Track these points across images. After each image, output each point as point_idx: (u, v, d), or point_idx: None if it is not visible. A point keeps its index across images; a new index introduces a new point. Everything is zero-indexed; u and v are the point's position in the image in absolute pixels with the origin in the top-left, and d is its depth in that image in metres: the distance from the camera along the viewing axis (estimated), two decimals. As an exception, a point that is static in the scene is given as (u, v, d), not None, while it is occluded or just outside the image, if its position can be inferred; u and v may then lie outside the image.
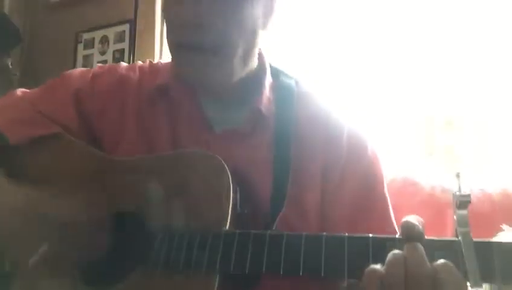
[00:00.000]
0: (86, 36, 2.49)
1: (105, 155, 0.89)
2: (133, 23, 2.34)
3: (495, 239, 1.08)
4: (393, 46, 1.82)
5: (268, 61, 0.97)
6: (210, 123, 0.90)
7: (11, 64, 2.46)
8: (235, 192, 0.76)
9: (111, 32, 2.42)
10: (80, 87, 0.95)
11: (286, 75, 0.97)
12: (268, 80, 0.94)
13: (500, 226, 0.91)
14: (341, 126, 0.91)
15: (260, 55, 0.95)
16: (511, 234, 1.03)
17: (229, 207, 0.74)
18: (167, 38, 0.86)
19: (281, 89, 0.93)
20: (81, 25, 2.50)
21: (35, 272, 0.79)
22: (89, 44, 2.48)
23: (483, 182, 1.25)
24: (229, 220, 0.74)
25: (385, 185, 0.92)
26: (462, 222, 0.64)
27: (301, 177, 0.86)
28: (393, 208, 0.92)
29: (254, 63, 0.93)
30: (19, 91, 0.99)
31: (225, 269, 0.70)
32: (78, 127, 0.92)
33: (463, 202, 0.65)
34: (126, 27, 2.37)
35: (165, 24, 0.88)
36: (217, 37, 0.80)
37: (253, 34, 0.85)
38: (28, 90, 1.00)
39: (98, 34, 2.46)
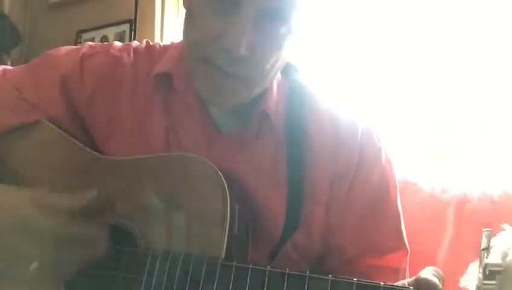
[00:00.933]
0: (86, 36, 2.49)
1: (91, 152, 0.81)
2: (133, 23, 2.34)
3: (495, 239, 1.08)
4: (393, 47, 1.82)
5: None
6: (212, 122, 0.83)
7: (11, 64, 2.46)
8: (233, 214, 0.69)
9: (111, 32, 2.42)
10: (67, 72, 0.86)
11: (295, 68, 0.90)
12: (276, 79, 0.86)
13: (501, 225, 0.91)
14: (353, 131, 0.85)
15: None
16: (512, 233, 1.03)
17: (225, 232, 0.68)
18: (192, 46, 0.76)
19: (291, 90, 0.86)
20: (81, 25, 2.50)
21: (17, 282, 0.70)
22: (89, 44, 2.48)
23: (484, 182, 1.24)
24: (225, 246, 0.68)
25: (398, 195, 0.88)
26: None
27: (310, 189, 0.81)
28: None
29: None
30: (1, 71, 0.91)
31: None
32: (65, 115, 0.85)
33: (492, 272, 0.59)
34: (126, 27, 2.37)
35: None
36: (253, 68, 0.73)
37: (284, 62, 0.80)
38: (9, 69, 0.92)
39: (98, 34, 2.46)
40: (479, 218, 1.13)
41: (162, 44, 0.93)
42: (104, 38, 2.44)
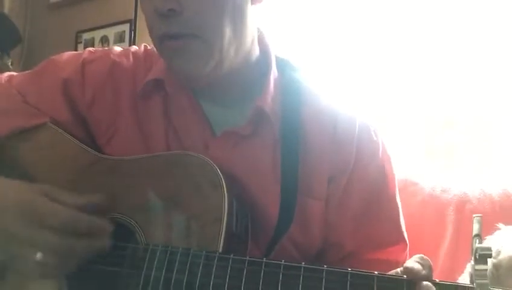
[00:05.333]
0: (86, 36, 2.50)
1: (93, 153, 0.83)
2: (133, 23, 2.34)
3: (491, 237, 1.08)
4: (393, 46, 1.82)
5: (273, 51, 0.88)
6: (209, 123, 0.84)
7: (11, 64, 2.46)
8: (230, 211, 0.70)
9: (111, 32, 2.42)
10: (69, 76, 0.88)
11: (292, 66, 0.90)
12: (273, 75, 0.86)
13: (496, 225, 0.91)
14: (350, 127, 0.85)
15: (263, 43, 0.88)
16: (507, 232, 1.03)
17: (223, 228, 0.69)
18: (150, 36, 0.81)
19: (287, 84, 0.86)
20: (81, 25, 2.51)
21: (23, 276, 0.74)
22: (89, 44, 2.48)
23: (483, 182, 1.24)
24: (222, 241, 0.69)
25: (397, 190, 0.88)
26: (480, 275, 0.61)
27: (307, 184, 0.81)
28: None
29: (252, 50, 0.85)
30: (5, 76, 0.93)
31: None
32: (69, 119, 0.87)
33: (483, 256, 0.61)
34: (126, 27, 2.37)
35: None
36: (194, 21, 0.74)
37: (240, 12, 0.77)
38: (14, 75, 0.94)
39: (98, 34, 2.46)
40: (479, 218, 1.13)
41: None
42: (104, 38, 2.44)
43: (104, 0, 2.47)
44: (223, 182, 0.72)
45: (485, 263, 0.60)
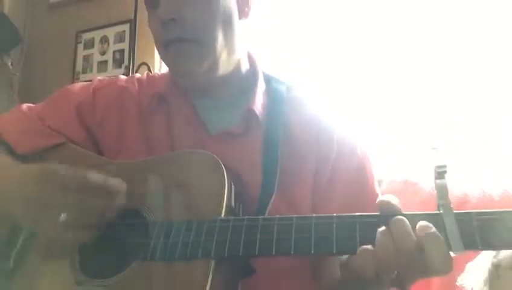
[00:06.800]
0: (86, 36, 2.50)
1: (106, 159, 0.95)
2: (133, 23, 2.34)
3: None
4: (393, 47, 1.82)
5: (261, 67, 1.02)
6: (205, 126, 0.95)
7: (11, 64, 2.46)
8: (229, 188, 0.80)
9: (111, 32, 2.42)
10: (82, 100, 1.01)
11: (278, 80, 1.03)
12: (261, 86, 0.99)
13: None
14: (331, 128, 0.96)
15: (252, 60, 1.02)
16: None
17: (224, 202, 0.78)
18: (156, 46, 0.94)
19: (272, 94, 0.99)
20: (81, 25, 2.51)
21: (35, 262, 0.82)
22: (89, 44, 2.48)
23: (483, 182, 1.24)
24: (223, 214, 0.77)
25: (376, 184, 0.97)
26: (442, 195, 0.69)
27: (293, 173, 0.91)
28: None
29: (243, 63, 0.99)
30: (25, 106, 1.05)
31: (220, 253, 0.73)
32: (85, 139, 0.98)
33: (440, 173, 0.70)
34: (126, 27, 2.37)
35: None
36: (192, 27, 0.89)
37: (230, 22, 0.92)
38: (33, 105, 1.06)
39: (98, 34, 2.46)
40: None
41: (160, 72, 1.10)
42: (104, 39, 2.44)
43: (104, 0, 2.47)
44: (223, 166, 0.81)
45: (443, 178, 0.70)
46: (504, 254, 1.04)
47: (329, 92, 1.03)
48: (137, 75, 1.08)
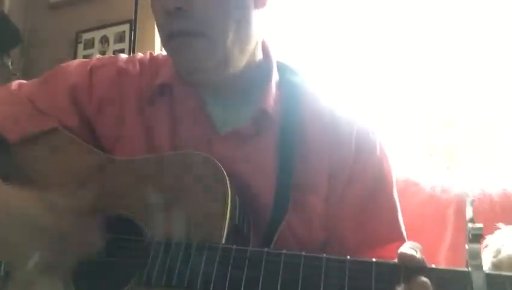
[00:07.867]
0: (86, 36, 2.49)
1: (104, 154, 0.86)
2: (133, 23, 2.34)
3: (491, 237, 1.08)
4: (393, 46, 1.82)
5: (275, 56, 0.92)
6: (213, 123, 0.86)
7: (11, 64, 2.46)
8: (233, 205, 0.73)
9: (111, 32, 2.42)
10: (77, 82, 0.91)
11: (292, 71, 0.93)
12: (275, 77, 0.89)
13: (496, 225, 0.91)
14: (349, 126, 0.87)
15: (266, 48, 0.92)
16: (507, 232, 1.03)
17: (226, 222, 0.71)
18: (159, 34, 0.85)
19: (287, 87, 0.89)
20: (81, 25, 2.50)
21: (29, 277, 0.76)
22: (89, 44, 2.48)
23: (483, 182, 1.25)
24: (225, 236, 0.71)
25: (394, 187, 0.90)
26: (473, 255, 0.62)
27: (306, 181, 0.83)
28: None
29: (256, 53, 0.88)
30: (15, 84, 0.96)
31: (220, 287, 0.67)
32: (78, 124, 0.89)
33: (475, 235, 0.63)
34: (126, 27, 2.37)
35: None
36: (200, 19, 0.78)
37: (244, 14, 0.81)
38: (24, 83, 0.97)
39: (98, 34, 2.46)
40: (478, 218, 1.13)
41: (164, 55, 0.98)
42: (104, 38, 2.44)
43: (104, 0, 2.47)
44: (227, 177, 0.74)
45: (478, 242, 0.62)
46: (504, 254, 1.05)
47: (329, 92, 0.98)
48: (140, 54, 0.98)
